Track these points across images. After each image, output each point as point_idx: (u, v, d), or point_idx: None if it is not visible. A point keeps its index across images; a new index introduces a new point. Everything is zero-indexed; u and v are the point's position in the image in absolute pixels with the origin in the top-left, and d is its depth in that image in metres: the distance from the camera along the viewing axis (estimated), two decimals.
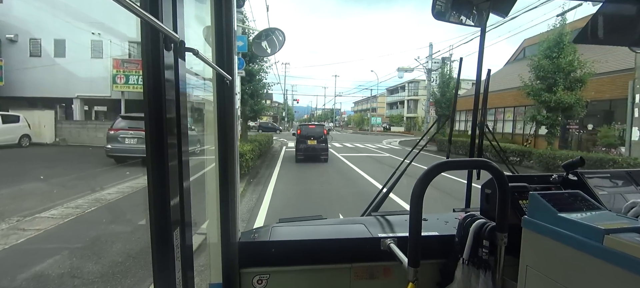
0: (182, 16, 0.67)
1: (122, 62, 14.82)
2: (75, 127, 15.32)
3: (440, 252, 1.17)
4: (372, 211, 1.51)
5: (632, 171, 1.28)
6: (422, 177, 0.83)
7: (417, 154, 1.67)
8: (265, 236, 1.22)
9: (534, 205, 0.87)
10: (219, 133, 1.08)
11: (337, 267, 1.19)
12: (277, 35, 2.15)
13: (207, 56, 0.89)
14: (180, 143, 0.67)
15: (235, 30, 1.06)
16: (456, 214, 1.42)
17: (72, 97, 16.02)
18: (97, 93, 15.87)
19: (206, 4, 1.03)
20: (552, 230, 0.80)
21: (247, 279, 1.15)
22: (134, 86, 14.86)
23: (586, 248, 0.71)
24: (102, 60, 15.37)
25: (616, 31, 1.28)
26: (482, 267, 1.02)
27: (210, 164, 1.13)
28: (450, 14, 1.35)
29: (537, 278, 0.85)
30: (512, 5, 1.33)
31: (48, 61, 15.41)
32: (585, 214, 0.81)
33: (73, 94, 15.94)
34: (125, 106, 15.05)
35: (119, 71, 14.84)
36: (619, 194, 1.17)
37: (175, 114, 0.65)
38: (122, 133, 9.33)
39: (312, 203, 6.42)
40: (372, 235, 1.20)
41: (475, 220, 1.07)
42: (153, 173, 0.61)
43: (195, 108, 1.75)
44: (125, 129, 9.36)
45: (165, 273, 0.65)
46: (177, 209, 0.67)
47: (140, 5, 0.56)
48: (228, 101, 1.06)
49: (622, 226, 0.72)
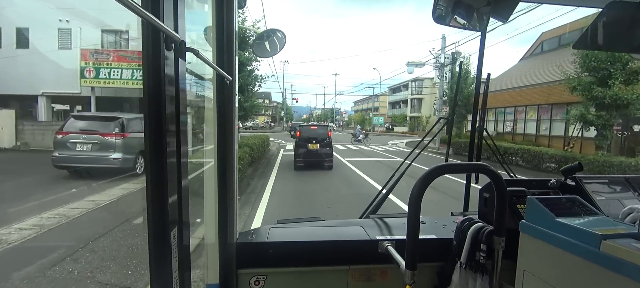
0: (183, 16, 0.68)
1: (92, 53, 12.70)
2: (39, 129, 13.19)
3: (438, 255, 1.16)
4: (371, 213, 1.53)
5: (630, 176, 1.28)
6: (421, 180, 0.84)
7: (417, 156, 1.67)
8: (263, 237, 1.22)
9: (532, 209, 0.89)
10: (219, 133, 1.08)
11: (335, 268, 1.19)
12: (278, 35, 2.09)
13: (208, 56, 0.90)
14: (179, 143, 0.67)
15: (236, 31, 1.08)
16: (454, 217, 1.45)
17: (36, 95, 13.85)
18: (65, 89, 13.75)
19: (207, 4, 1.05)
20: (550, 234, 0.82)
21: (244, 280, 1.15)
22: (106, 81, 12.76)
23: (583, 253, 0.73)
24: (71, 51, 13.27)
25: (617, 37, 1.26)
26: (479, 271, 1.01)
27: (209, 164, 1.13)
28: (450, 18, 1.34)
29: (534, 282, 0.87)
30: (513, 9, 1.39)
31: (9, 52, 13.29)
32: (582, 219, 0.83)
33: (38, 91, 13.78)
34: (95, 103, 12.97)
35: (87, 63, 12.71)
36: (616, 200, 1.16)
37: (174, 114, 0.65)
38: (73, 137, 7.31)
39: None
40: (370, 237, 1.20)
41: (473, 224, 1.06)
42: (151, 172, 0.61)
43: (194, 108, 1.70)
44: (77, 132, 7.34)
45: (163, 273, 0.64)
46: (174, 209, 0.66)
47: (142, 4, 0.57)
48: (228, 101, 1.07)
49: (619, 232, 0.73)
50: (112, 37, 13.59)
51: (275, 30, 2.11)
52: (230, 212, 1.11)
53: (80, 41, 13.11)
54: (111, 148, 7.39)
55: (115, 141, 7.42)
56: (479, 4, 1.31)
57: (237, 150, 1.17)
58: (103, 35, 13.49)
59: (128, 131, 7.81)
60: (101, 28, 13.42)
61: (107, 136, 7.40)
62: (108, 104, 12.96)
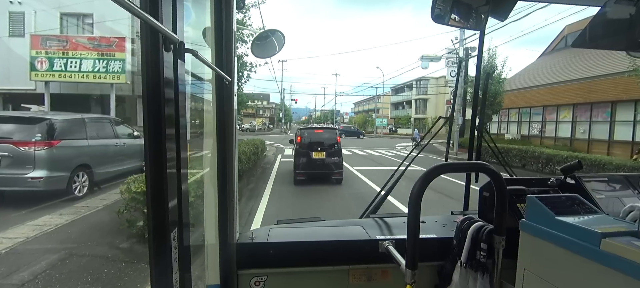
0: (181, 17, 0.67)
1: (44, 40, 10.38)
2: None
3: (438, 255, 1.16)
4: (371, 213, 1.51)
5: (630, 175, 1.28)
6: (421, 179, 0.85)
7: (415, 156, 1.68)
8: (263, 237, 1.21)
9: (532, 208, 0.89)
10: (218, 134, 1.08)
11: (335, 268, 1.19)
12: (277, 36, 2.08)
13: (207, 57, 0.92)
14: (178, 144, 0.66)
15: (235, 32, 1.08)
16: (454, 217, 1.44)
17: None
18: (15, 86, 11.43)
19: (206, 5, 1.04)
20: (550, 233, 0.81)
21: (244, 280, 1.15)
22: (62, 74, 10.44)
23: (583, 251, 0.73)
24: (24, 39, 10.94)
25: (614, 36, 1.27)
26: (479, 270, 1.01)
27: (209, 165, 1.12)
28: (449, 18, 1.35)
29: (535, 281, 0.86)
30: (511, 9, 1.37)
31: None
32: (582, 218, 0.83)
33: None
34: (50, 101, 10.67)
35: (39, 53, 10.39)
36: (616, 198, 1.16)
37: (174, 115, 0.65)
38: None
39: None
40: (370, 237, 1.20)
41: (473, 223, 1.06)
42: (151, 173, 0.61)
43: (194, 109, 1.70)
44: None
45: (163, 274, 0.64)
46: (175, 210, 0.66)
47: (140, 6, 0.56)
48: (227, 101, 1.08)
49: (619, 230, 0.72)
50: (74, 21, 11.31)
51: (275, 30, 2.08)
52: (230, 213, 1.11)
53: (35, 27, 10.83)
54: (29, 163, 5.12)
55: (35, 153, 5.15)
56: (478, 3, 1.33)
57: (237, 151, 1.17)
58: (63, 19, 11.22)
59: (60, 138, 5.55)
60: (60, 11, 11.15)
61: (23, 146, 5.13)
62: (67, 104, 10.68)
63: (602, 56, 11.41)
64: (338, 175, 8.08)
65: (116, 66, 10.39)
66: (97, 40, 10.37)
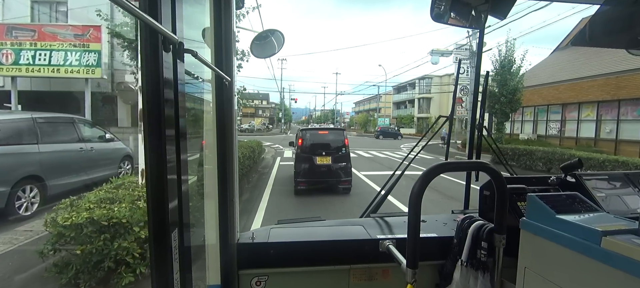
0: (181, 18, 0.67)
1: (9, 29, 9.12)
2: None
3: (439, 254, 1.16)
4: (371, 212, 1.51)
5: (630, 173, 1.28)
6: (421, 178, 0.84)
7: (414, 157, 1.65)
8: (263, 237, 1.21)
9: (532, 206, 0.89)
10: (218, 134, 1.08)
11: (336, 268, 1.18)
12: (276, 36, 2.07)
13: (206, 57, 0.91)
14: (178, 144, 0.66)
15: (234, 32, 1.08)
16: (455, 216, 1.43)
17: None
18: None
19: (205, 5, 1.04)
20: (550, 231, 0.81)
21: (245, 281, 1.15)
22: (32, 68, 9.19)
23: (584, 249, 0.73)
24: None
25: (614, 34, 1.25)
26: (480, 269, 1.01)
27: (209, 165, 1.12)
28: (449, 16, 1.35)
29: (535, 279, 0.86)
30: (510, 7, 1.36)
31: None
32: (583, 216, 0.83)
33: None
34: (17, 99, 9.42)
35: (4, 44, 9.14)
36: (617, 196, 1.16)
37: (173, 115, 0.64)
38: None
39: None
40: (371, 237, 1.20)
41: (473, 222, 1.06)
42: (152, 174, 0.61)
43: (193, 109, 1.61)
44: None
45: (163, 274, 0.63)
46: (175, 210, 0.66)
47: (140, 6, 0.56)
48: (227, 102, 1.08)
49: (620, 228, 0.72)
50: (46, 10, 10.09)
51: (274, 30, 2.05)
52: (230, 213, 1.11)
53: (2, 16, 9.61)
54: None
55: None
56: (477, 2, 1.33)
57: (237, 151, 1.17)
58: (34, 6, 10.00)
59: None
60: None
61: None
62: (39, 102, 9.46)
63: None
64: (346, 184, 6.88)
65: (90, 59, 9.15)
66: (69, 29, 9.15)
